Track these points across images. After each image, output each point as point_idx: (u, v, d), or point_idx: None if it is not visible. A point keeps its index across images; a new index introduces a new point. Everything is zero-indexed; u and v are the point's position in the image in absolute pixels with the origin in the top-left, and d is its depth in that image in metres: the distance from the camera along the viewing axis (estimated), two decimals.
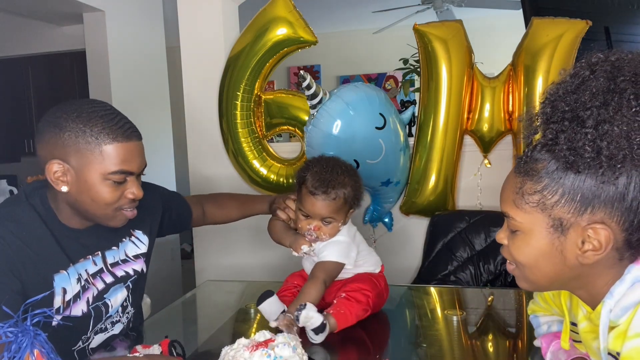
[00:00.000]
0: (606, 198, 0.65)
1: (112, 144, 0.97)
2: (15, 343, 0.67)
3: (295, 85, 6.12)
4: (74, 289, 1.05)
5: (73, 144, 0.96)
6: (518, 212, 0.72)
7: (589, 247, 0.67)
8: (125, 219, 1.07)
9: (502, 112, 2.14)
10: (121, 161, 0.99)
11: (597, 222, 0.66)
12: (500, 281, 2.02)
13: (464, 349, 1.12)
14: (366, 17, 5.43)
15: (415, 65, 3.79)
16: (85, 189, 0.99)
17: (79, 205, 1.02)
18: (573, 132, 0.65)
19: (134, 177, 1.04)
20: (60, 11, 3.57)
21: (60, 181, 0.98)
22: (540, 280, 0.75)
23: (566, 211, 0.67)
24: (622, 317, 0.67)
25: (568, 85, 0.68)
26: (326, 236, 1.25)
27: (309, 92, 1.88)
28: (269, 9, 2.12)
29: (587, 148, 0.63)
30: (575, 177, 0.66)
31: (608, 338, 0.69)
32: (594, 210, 0.66)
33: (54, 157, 0.97)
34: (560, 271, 0.72)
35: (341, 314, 1.16)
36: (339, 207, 1.23)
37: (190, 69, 2.39)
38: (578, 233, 0.68)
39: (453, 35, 2.09)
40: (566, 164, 0.66)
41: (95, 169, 0.97)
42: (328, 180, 1.21)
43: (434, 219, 2.22)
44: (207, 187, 2.42)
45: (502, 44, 3.50)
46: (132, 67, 3.73)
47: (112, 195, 1.00)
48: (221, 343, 0.95)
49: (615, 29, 2.74)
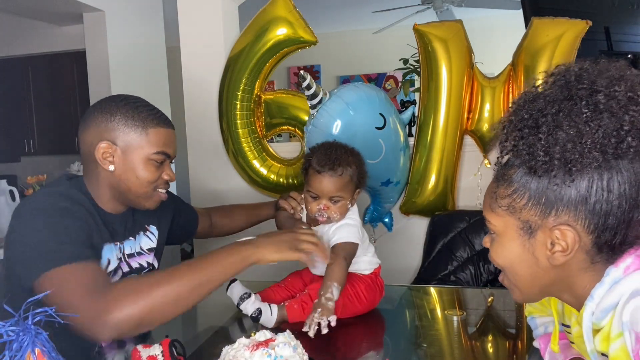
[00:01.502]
0: (569, 201, 0.67)
1: (155, 128, 1.10)
2: (16, 342, 0.67)
3: (295, 85, 6.12)
4: (113, 264, 1.14)
5: (122, 127, 1.08)
6: (493, 216, 0.76)
7: (558, 249, 0.69)
8: (159, 200, 1.17)
9: (502, 112, 2.14)
10: (162, 144, 1.11)
11: (563, 224, 0.68)
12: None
13: (464, 349, 1.12)
14: (366, 17, 5.43)
15: (415, 65, 3.79)
16: (130, 168, 1.10)
17: (122, 184, 1.11)
18: (531, 138, 0.68)
19: (169, 162, 1.16)
20: (60, 11, 3.57)
21: (107, 161, 1.09)
22: (522, 285, 0.77)
23: (533, 214, 0.70)
24: (603, 319, 0.68)
25: (529, 95, 0.71)
26: (336, 214, 1.25)
27: (309, 92, 1.88)
28: (269, 9, 2.12)
29: (540, 153, 0.66)
30: (539, 181, 0.69)
31: (595, 341, 0.70)
32: (558, 213, 0.68)
33: (103, 138, 1.08)
34: (536, 274, 0.74)
35: (294, 309, 1.20)
36: (345, 184, 1.24)
37: (190, 69, 2.39)
38: (546, 235, 0.70)
39: (453, 35, 2.10)
40: (528, 169, 0.69)
41: (140, 149, 1.10)
42: (334, 157, 1.24)
43: (434, 219, 2.22)
44: (207, 187, 2.42)
45: (502, 44, 3.50)
46: (132, 67, 3.73)
47: (153, 175, 1.11)
48: (221, 343, 0.96)
49: (615, 29, 2.75)
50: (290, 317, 1.20)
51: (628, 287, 0.66)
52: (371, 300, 1.30)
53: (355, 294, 1.26)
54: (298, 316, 1.20)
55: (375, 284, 1.31)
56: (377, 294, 1.31)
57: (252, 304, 1.20)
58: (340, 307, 1.20)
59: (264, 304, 1.21)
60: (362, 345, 1.18)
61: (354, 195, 1.29)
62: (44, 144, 4.32)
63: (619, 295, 0.67)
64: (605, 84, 0.66)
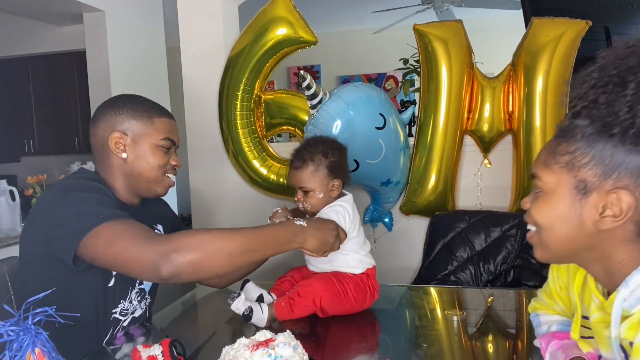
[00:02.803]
0: (634, 167, 0.65)
1: (160, 117, 1.21)
2: (16, 342, 0.67)
3: (295, 85, 6.12)
4: None
5: (131, 118, 1.18)
6: (545, 172, 0.73)
7: (610, 213, 0.68)
8: (169, 185, 1.25)
9: (502, 112, 2.14)
10: (168, 131, 1.21)
11: (622, 188, 0.66)
12: (500, 281, 2.03)
13: (464, 349, 1.12)
14: (366, 17, 5.43)
15: (415, 65, 3.78)
16: (141, 154, 1.18)
17: (135, 171, 1.19)
18: (614, 95, 0.65)
19: (174, 149, 1.25)
20: (60, 11, 3.57)
21: (120, 149, 1.17)
22: (555, 245, 0.75)
23: (592, 174, 0.68)
24: (635, 306, 0.67)
25: (622, 51, 0.68)
26: (308, 205, 1.29)
27: (309, 92, 1.88)
28: (269, 9, 2.12)
29: (623, 109, 0.64)
30: (608, 141, 0.66)
31: (620, 327, 0.69)
32: (619, 177, 0.66)
33: (114, 130, 1.17)
34: (575, 236, 0.72)
35: (281, 306, 1.21)
36: (309, 175, 1.27)
37: (190, 69, 2.39)
38: (601, 197, 0.68)
39: (453, 35, 2.10)
40: (602, 127, 0.67)
41: (149, 136, 1.19)
42: (298, 152, 1.30)
43: (434, 219, 2.22)
44: (207, 187, 2.43)
45: (502, 44, 3.50)
46: (132, 67, 3.73)
47: (162, 159, 1.20)
48: (221, 343, 0.96)
49: (615, 29, 2.74)
50: (278, 315, 1.20)
51: None
52: (360, 302, 1.27)
53: (343, 291, 1.24)
54: (286, 314, 1.20)
55: (365, 285, 1.28)
56: (367, 296, 1.28)
57: (242, 303, 1.20)
58: (327, 304, 1.21)
59: (255, 303, 1.21)
60: (361, 345, 1.18)
61: (329, 187, 1.28)
62: (44, 144, 4.32)
63: None
64: None
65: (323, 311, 1.22)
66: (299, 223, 1.13)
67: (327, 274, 1.28)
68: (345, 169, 1.32)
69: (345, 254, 1.28)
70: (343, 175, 1.30)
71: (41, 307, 0.71)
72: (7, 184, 2.72)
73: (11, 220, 2.69)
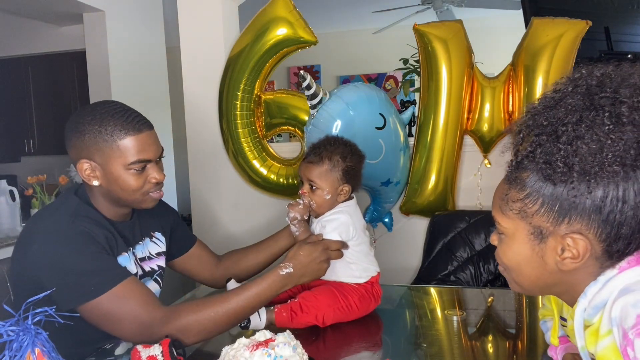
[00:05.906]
0: (583, 210, 0.66)
1: (125, 138, 1.08)
2: (16, 342, 0.67)
3: (295, 85, 6.12)
4: (132, 269, 1.17)
5: (94, 144, 1.08)
6: (503, 218, 0.75)
7: (568, 255, 0.69)
8: (155, 199, 1.18)
9: (502, 112, 2.14)
10: (137, 152, 1.10)
11: (575, 232, 0.68)
12: (500, 281, 2.02)
13: (464, 349, 1.12)
14: (366, 17, 5.43)
15: (415, 65, 3.78)
16: (113, 180, 1.11)
17: (112, 194, 1.13)
18: (549, 147, 0.67)
19: (153, 163, 1.14)
20: (60, 11, 3.57)
21: (91, 177, 1.11)
22: (525, 283, 0.77)
23: (545, 220, 0.69)
24: (594, 316, 0.69)
25: (549, 101, 0.70)
26: (313, 203, 1.27)
27: (309, 92, 1.88)
28: (269, 9, 2.12)
29: (559, 164, 0.65)
30: (554, 188, 0.68)
31: (584, 337, 0.70)
32: (571, 221, 0.67)
33: (81, 157, 1.10)
34: (541, 275, 0.74)
35: (282, 316, 1.20)
36: (323, 172, 1.25)
37: (190, 69, 2.39)
38: (557, 241, 0.70)
39: (453, 35, 2.10)
40: (544, 178, 0.68)
41: (117, 162, 1.09)
42: (317, 146, 1.30)
43: (434, 219, 2.22)
44: (207, 187, 2.42)
45: (502, 44, 3.50)
46: (132, 67, 3.73)
47: (137, 183, 1.11)
48: (221, 343, 0.96)
49: (615, 29, 2.74)
50: (277, 323, 1.19)
51: (619, 285, 0.67)
52: (364, 310, 1.27)
53: (347, 305, 1.23)
54: (286, 323, 1.19)
55: (370, 293, 1.28)
56: (371, 303, 1.28)
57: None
58: (330, 319, 1.21)
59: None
60: (361, 345, 1.18)
61: (338, 190, 1.26)
62: (44, 144, 4.31)
63: (610, 292, 0.67)
64: (629, 93, 0.64)
65: (325, 324, 1.22)
66: (284, 272, 1.13)
67: (330, 286, 1.26)
68: (358, 177, 1.30)
69: (350, 262, 1.27)
70: (355, 183, 1.29)
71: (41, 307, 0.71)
72: (7, 184, 2.72)
73: (11, 220, 2.70)
